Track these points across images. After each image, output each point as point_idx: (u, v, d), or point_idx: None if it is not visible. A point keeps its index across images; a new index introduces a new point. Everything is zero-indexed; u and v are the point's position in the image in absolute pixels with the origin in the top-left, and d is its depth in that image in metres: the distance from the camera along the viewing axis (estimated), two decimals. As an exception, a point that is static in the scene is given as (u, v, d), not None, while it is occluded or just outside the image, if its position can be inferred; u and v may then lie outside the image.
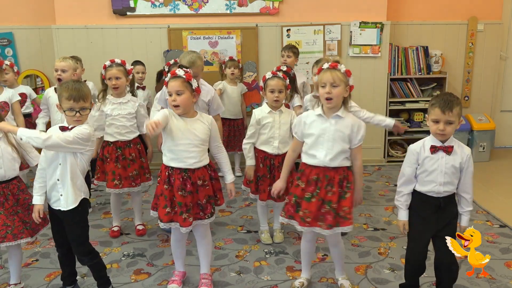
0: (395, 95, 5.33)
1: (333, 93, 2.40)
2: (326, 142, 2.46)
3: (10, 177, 2.53)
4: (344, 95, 2.45)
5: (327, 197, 2.46)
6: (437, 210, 2.36)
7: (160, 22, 4.99)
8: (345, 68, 2.46)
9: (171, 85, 2.52)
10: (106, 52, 4.86)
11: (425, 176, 2.35)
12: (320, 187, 2.47)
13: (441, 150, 2.31)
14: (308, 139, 2.53)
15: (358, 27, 5.03)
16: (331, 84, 2.40)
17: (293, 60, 4.34)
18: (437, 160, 2.32)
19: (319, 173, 2.48)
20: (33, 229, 2.60)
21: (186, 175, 2.54)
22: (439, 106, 2.24)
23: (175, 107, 2.52)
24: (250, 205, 4.11)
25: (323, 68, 2.47)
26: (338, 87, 2.41)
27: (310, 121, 2.51)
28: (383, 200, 4.25)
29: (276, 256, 3.21)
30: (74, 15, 4.93)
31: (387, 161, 5.39)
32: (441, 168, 2.31)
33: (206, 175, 2.61)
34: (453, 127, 2.27)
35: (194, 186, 2.56)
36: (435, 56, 5.32)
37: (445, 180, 2.32)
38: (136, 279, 2.94)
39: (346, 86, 2.44)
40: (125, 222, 3.79)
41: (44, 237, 3.47)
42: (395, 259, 3.13)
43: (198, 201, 2.59)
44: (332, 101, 2.41)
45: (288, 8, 5.04)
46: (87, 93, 2.43)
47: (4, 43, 5.28)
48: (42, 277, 2.96)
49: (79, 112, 2.39)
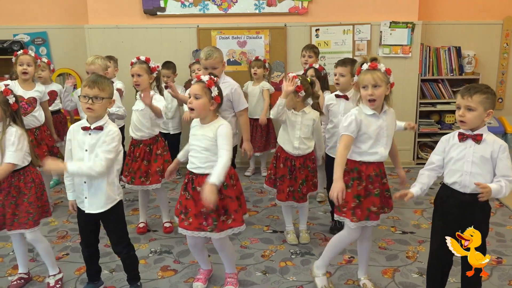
0: (426, 96, 5.23)
1: (375, 94, 2.41)
2: (383, 138, 2.51)
3: None
4: (386, 94, 2.47)
5: (384, 188, 2.60)
6: (461, 207, 2.27)
7: (189, 22, 5.03)
8: (385, 67, 2.46)
9: (192, 88, 2.55)
10: (136, 52, 4.88)
11: (452, 164, 2.29)
12: (379, 181, 2.56)
13: (470, 138, 2.25)
14: (366, 138, 2.50)
15: (388, 27, 4.96)
16: (372, 86, 2.41)
17: (314, 60, 4.30)
18: (464, 149, 2.26)
19: (376, 168, 2.53)
20: (20, 223, 2.62)
21: (191, 177, 2.57)
22: (461, 91, 2.24)
23: (190, 110, 2.55)
24: (276, 205, 4.10)
25: (362, 69, 2.46)
26: (380, 87, 2.42)
27: (366, 121, 2.49)
28: (411, 203, 4.17)
29: (302, 257, 3.19)
30: (106, 15, 5.03)
31: (417, 163, 5.29)
32: (468, 157, 2.24)
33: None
34: (474, 115, 2.19)
35: (195, 191, 2.54)
36: (468, 56, 5.19)
37: (472, 170, 2.23)
38: (163, 275, 2.98)
39: (387, 85, 2.46)
40: (153, 219, 3.84)
41: (74, 231, 3.56)
42: (424, 263, 3.06)
43: (201, 209, 2.50)
44: (375, 103, 2.44)
45: (317, 8, 5.01)
46: (105, 85, 2.43)
47: (39, 42, 5.44)
48: (72, 271, 3.03)
49: (92, 99, 2.39)
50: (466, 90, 2.21)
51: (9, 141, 2.52)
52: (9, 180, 2.58)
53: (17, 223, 2.61)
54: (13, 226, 2.62)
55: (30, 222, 2.63)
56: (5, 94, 2.56)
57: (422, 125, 5.24)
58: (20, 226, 2.62)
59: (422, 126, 5.25)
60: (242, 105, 3.50)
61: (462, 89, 2.26)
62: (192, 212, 2.54)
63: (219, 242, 2.65)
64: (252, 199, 4.28)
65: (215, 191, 2.32)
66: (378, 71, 2.42)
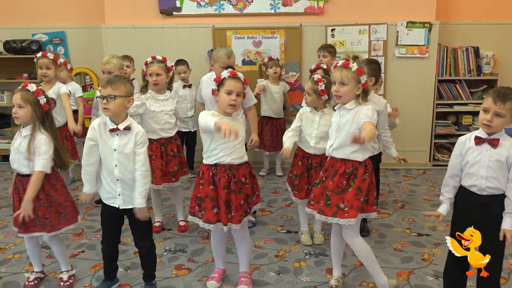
0: (443, 97, 5.17)
1: (340, 91, 2.47)
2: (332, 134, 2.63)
3: (22, 172, 2.58)
4: (356, 93, 2.49)
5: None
6: (479, 210, 2.25)
7: (205, 22, 5.05)
8: (357, 66, 2.48)
9: (234, 85, 2.55)
10: (152, 51, 4.89)
11: (468, 167, 2.28)
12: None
13: (486, 142, 2.23)
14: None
15: (405, 27, 4.91)
16: (339, 83, 2.47)
17: (329, 60, 4.28)
18: (480, 152, 2.24)
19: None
20: (52, 226, 2.65)
21: (231, 172, 2.59)
22: (493, 95, 2.18)
23: (232, 106, 2.56)
24: (290, 205, 4.09)
25: (337, 65, 2.51)
26: (346, 85, 2.47)
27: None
28: (427, 205, 4.13)
29: (316, 258, 3.18)
30: (122, 15, 5.08)
31: (433, 164, 5.23)
32: (484, 161, 2.22)
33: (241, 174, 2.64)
34: (502, 121, 2.17)
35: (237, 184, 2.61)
36: (486, 57, 5.11)
37: (488, 174, 2.21)
38: (177, 274, 2.99)
39: (357, 84, 2.48)
40: (168, 218, 3.86)
41: (90, 229, 3.59)
42: (440, 266, 3.03)
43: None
44: (340, 99, 2.51)
45: (333, 8, 4.98)
46: (118, 84, 2.45)
47: (57, 41, 5.51)
48: (87, 268, 3.06)
49: (106, 99, 2.42)
50: (500, 95, 2.15)
51: (41, 149, 2.52)
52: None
53: (50, 226, 2.64)
54: (46, 229, 2.64)
55: (63, 221, 2.69)
56: (37, 94, 2.57)
57: (438, 126, 5.18)
58: (53, 229, 2.65)
59: (439, 127, 5.18)
60: (252, 101, 3.53)
61: (493, 92, 2.19)
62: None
63: (239, 231, 2.67)
64: (266, 199, 4.27)
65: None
66: (348, 70, 2.45)
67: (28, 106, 2.53)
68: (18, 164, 2.58)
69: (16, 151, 2.57)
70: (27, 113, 2.53)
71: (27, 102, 2.52)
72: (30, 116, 2.55)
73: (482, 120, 2.21)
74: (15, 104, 2.54)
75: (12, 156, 2.62)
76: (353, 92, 2.48)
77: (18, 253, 3.27)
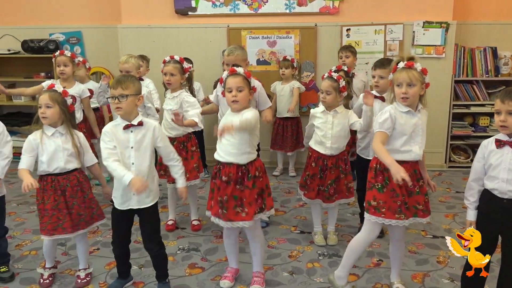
0: (459, 98, 5.10)
1: (409, 92, 2.39)
2: (417, 136, 2.47)
3: (68, 169, 2.64)
4: (420, 94, 2.44)
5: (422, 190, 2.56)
6: (502, 213, 2.22)
7: (220, 22, 5.06)
8: (421, 66, 2.43)
9: (232, 81, 2.56)
10: (167, 51, 4.93)
11: (490, 170, 2.25)
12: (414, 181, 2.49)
13: (507, 145, 2.19)
14: (400, 135, 2.45)
15: (421, 27, 4.86)
16: (407, 84, 2.39)
17: (351, 60, 4.26)
18: (501, 155, 2.21)
19: (410, 168, 2.46)
20: (86, 221, 2.73)
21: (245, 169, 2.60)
22: (500, 96, 2.17)
23: (234, 102, 2.56)
24: (303, 206, 4.08)
25: (398, 67, 2.45)
26: (415, 86, 2.39)
27: (401, 118, 2.44)
28: (443, 207, 4.08)
29: (330, 259, 3.16)
30: (138, 15, 5.12)
31: (449, 166, 5.17)
32: (504, 164, 2.19)
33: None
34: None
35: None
36: (504, 57, 5.04)
37: (509, 177, 2.18)
38: (191, 272, 3.00)
39: (422, 84, 2.43)
40: (181, 217, 3.88)
41: (105, 227, 3.62)
42: (455, 268, 2.99)
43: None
44: (408, 100, 2.41)
45: (348, 8, 4.95)
46: (128, 83, 2.46)
47: (74, 41, 5.58)
48: (102, 265, 3.09)
49: (118, 98, 2.44)
50: (506, 94, 2.14)
51: (87, 143, 2.77)
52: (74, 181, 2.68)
53: (84, 222, 2.72)
54: (80, 226, 2.71)
55: (95, 217, 2.78)
56: (64, 95, 2.63)
57: (455, 128, 5.11)
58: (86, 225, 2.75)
59: (455, 128, 5.11)
60: (267, 103, 3.50)
61: (500, 93, 2.19)
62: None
63: (250, 230, 2.68)
64: (279, 199, 4.27)
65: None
66: (414, 70, 2.40)
67: (56, 106, 2.59)
68: (64, 161, 2.62)
69: (58, 150, 2.60)
70: (55, 112, 2.59)
71: (55, 102, 2.58)
72: (58, 115, 2.61)
73: (497, 123, 2.19)
74: (42, 104, 2.58)
75: (51, 156, 2.60)
76: (418, 93, 2.43)
77: (35, 250, 3.32)
